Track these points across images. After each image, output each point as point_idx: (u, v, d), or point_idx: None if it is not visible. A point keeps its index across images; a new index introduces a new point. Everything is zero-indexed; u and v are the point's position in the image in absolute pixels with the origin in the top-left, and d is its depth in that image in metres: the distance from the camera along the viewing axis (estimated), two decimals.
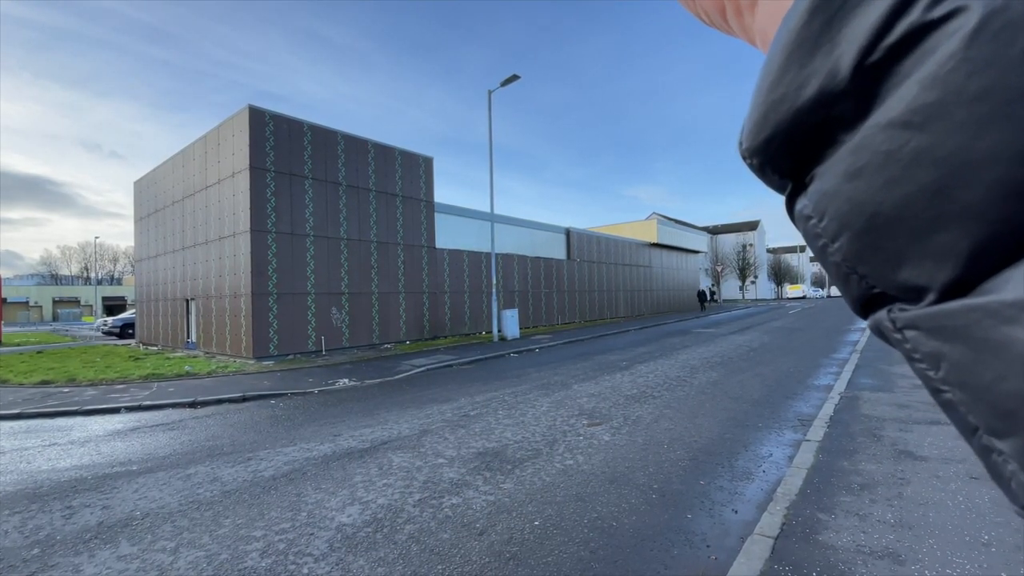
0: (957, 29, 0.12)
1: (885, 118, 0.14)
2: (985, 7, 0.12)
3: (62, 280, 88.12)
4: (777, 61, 0.15)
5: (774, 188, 0.18)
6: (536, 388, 9.38)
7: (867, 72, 0.14)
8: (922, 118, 0.13)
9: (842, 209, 0.15)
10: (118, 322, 27.45)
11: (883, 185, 0.14)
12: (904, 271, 0.14)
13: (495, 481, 4.83)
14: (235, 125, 15.08)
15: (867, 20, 0.13)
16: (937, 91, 0.12)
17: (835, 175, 0.15)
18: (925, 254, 0.14)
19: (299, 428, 7.09)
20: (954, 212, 0.13)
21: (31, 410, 8.59)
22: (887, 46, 0.13)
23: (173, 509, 4.45)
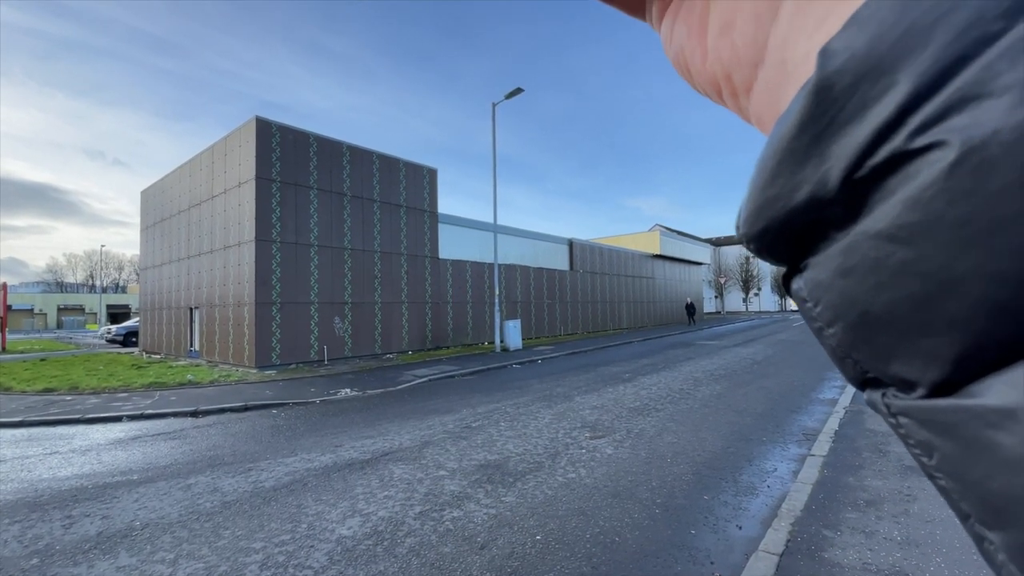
0: (937, 160, 0.13)
1: (873, 228, 0.14)
2: (963, 144, 0.12)
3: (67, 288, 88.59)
4: (771, 164, 0.16)
5: (772, 264, 0.19)
6: (538, 400, 9.34)
7: (854, 185, 0.15)
8: (907, 234, 0.13)
9: (835, 301, 0.16)
10: (122, 330, 27.54)
11: (873, 287, 0.15)
12: (894, 365, 0.15)
13: (497, 494, 4.79)
14: (242, 136, 15.23)
15: (853, 141, 0.14)
16: (920, 213, 0.13)
17: (828, 269, 0.16)
18: (914, 354, 0.15)
19: (300, 438, 7.07)
20: (940, 321, 0.14)
21: (33, 418, 8.59)
22: (872, 165, 0.14)
23: (173, 520, 4.43)
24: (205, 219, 17.21)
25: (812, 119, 0.15)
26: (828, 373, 11.82)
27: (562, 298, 27.48)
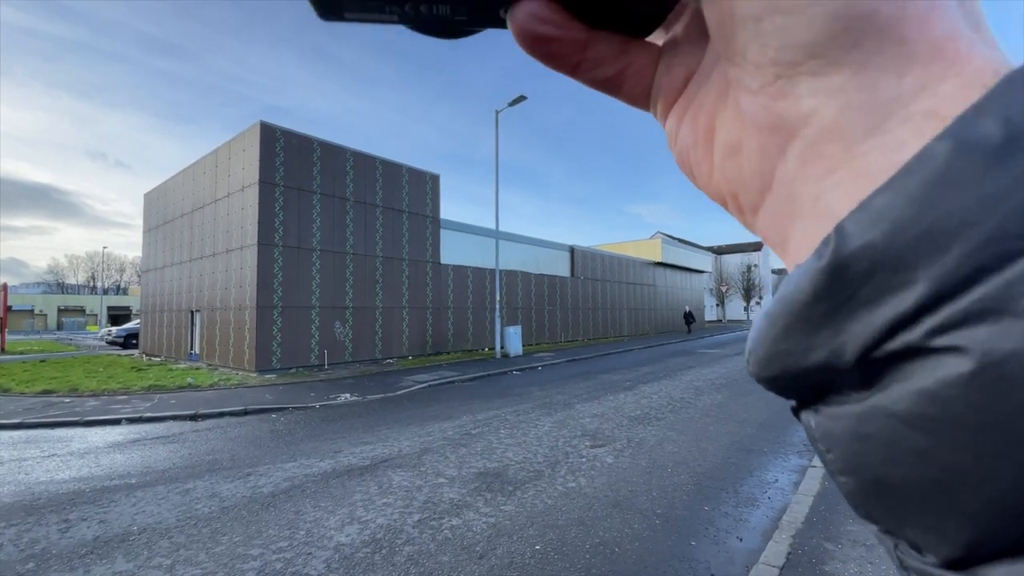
0: (956, 365, 0.13)
1: (890, 408, 0.14)
2: (983, 356, 0.12)
3: (68, 289, 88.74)
4: (783, 321, 0.16)
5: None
6: (538, 407, 9.31)
7: (871, 362, 0.14)
8: (923, 423, 0.13)
9: (848, 456, 0.15)
10: (122, 332, 27.55)
11: (888, 460, 0.15)
12: (906, 531, 0.15)
13: (496, 503, 4.76)
14: (246, 140, 15.29)
15: (870, 324, 0.14)
16: (938, 409, 0.13)
17: (842, 427, 0.16)
18: (927, 528, 0.15)
19: (299, 443, 7.04)
20: (954, 508, 0.14)
21: (32, 420, 8.57)
22: (889, 351, 0.14)
23: (171, 525, 4.40)
24: (208, 222, 17.25)
25: (828, 293, 0.15)
26: None
27: (563, 305, 27.45)
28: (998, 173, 0.13)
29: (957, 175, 0.13)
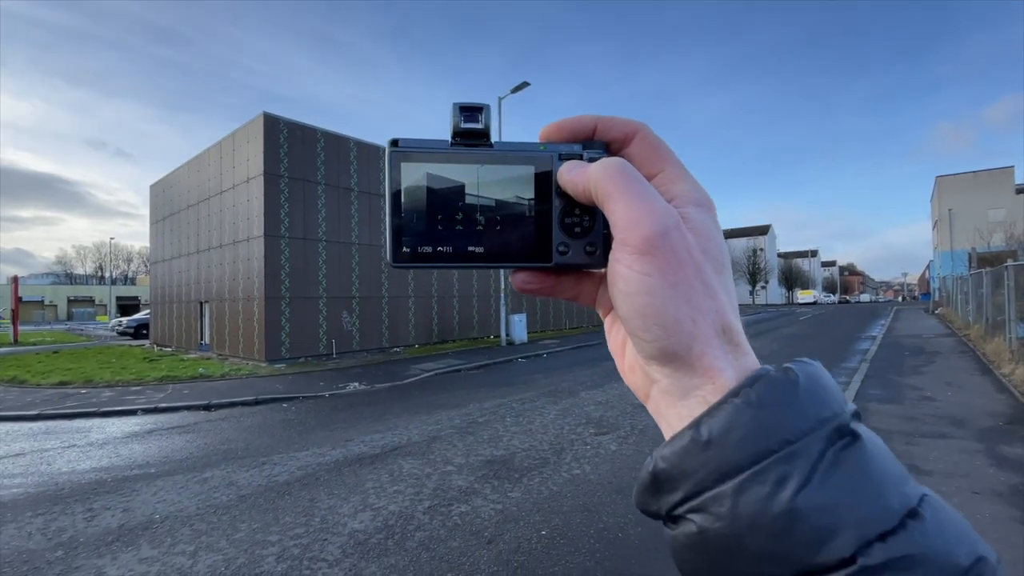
0: (691, 527, 0.27)
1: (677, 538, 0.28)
2: (699, 527, 0.27)
3: (76, 279, 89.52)
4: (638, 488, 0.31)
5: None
6: (544, 395, 9.46)
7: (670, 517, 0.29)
8: (684, 548, 0.28)
9: (673, 555, 0.29)
10: (132, 322, 27.90)
11: (679, 561, 0.28)
12: None
13: (503, 490, 4.92)
14: (250, 131, 15.34)
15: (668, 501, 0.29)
16: (689, 542, 0.27)
17: (669, 541, 0.29)
18: None
19: (311, 432, 7.23)
20: None
21: (50, 411, 8.81)
22: (674, 513, 0.29)
23: (191, 513, 4.59)
24: (214, 214, 17.37)
25: (653, 484, 0.29)
26: (832, 369, 11.86)
27: None
28: (705, 454, 0.27)
29: (689, 449, 0.28)
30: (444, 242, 0.35)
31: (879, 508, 0.25)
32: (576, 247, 0.36)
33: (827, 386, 0.28)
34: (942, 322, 25.15)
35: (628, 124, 0.35)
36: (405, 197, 0.35)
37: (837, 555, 0.24)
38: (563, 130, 0.36)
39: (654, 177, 0.34)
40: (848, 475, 0.26)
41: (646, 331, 0.30)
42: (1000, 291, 12.63)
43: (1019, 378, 8.87)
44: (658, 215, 0.30)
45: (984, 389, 8.68)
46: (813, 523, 0.24)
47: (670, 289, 0.30)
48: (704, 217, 0.33)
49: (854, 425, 0.27)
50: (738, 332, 0.31)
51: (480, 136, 0.36)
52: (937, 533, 0.25)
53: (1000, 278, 12.56)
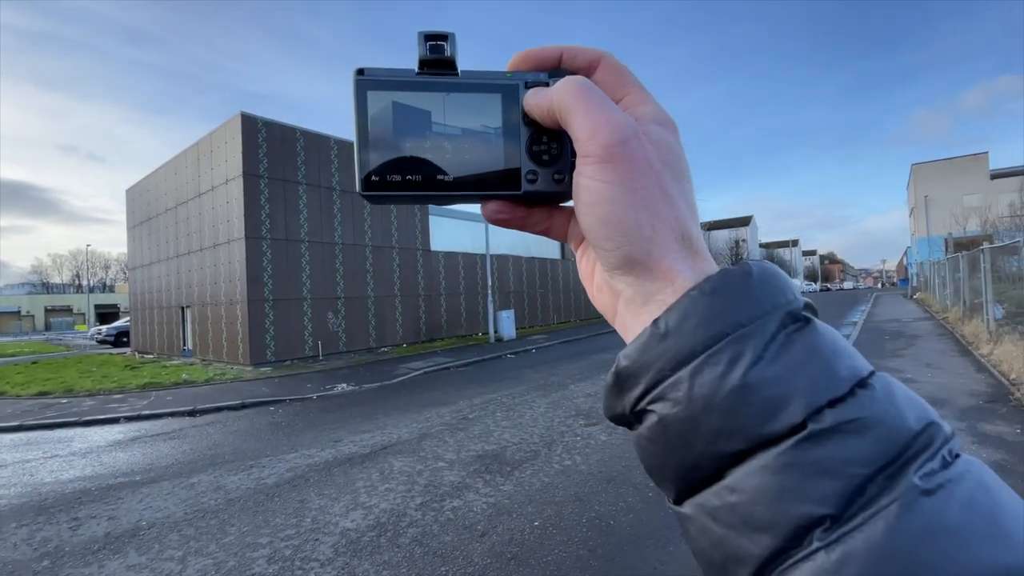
0: (652, 418, 0.28)
1: (642, 433, 0.29)
2: (659, 415, 0.27)
3: (53, 288, 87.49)
4: (605, 394, 0.31)
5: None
6: (533, 389, 9.49)
7: (633, 413, 0.30)
8: (648, 440, 0.29)
9: (639, 453, 0.30)
10: (112, 330, 27.37)
11: (643, 456, 0.29)
12: (661, 488, 0.30)
13: (495, 483, 4.92)
14: (227, 132, 15.10)
15: (630, 398, 0.29)
16: (651, 434, 0.28)
17: (635, 440, 0.30)
18: (662, 486, 0.29)
19: (300, 434, 7.16)
20: (665, 476, 0.28)
21: (31, 422, 8.61)
22: (637, 408, 0.29)
23: (179, 518, 4.52)
24: (193, 217, 17.09)
25: (617, 383, 0.29)
26: None
27: (555, 287, 27.61)
28: (662, 345, 0.27)
29: (648, 342, 0.28)
30: (413, 171, 0.35)
31: (829, 378, 0.25)
32: (544, 175, 0.36)
33: (781, 278, 0.29)
34: (921, 306, 25.70)
35: (592, 52, 0.36)
36: (372, 126, 0.35)
37: (787, 422, 0.24)
38: (529, 60, 0.37)
39: (620, 101, 0.35)
40: (799, 352, 0.26)
41: (608, 239, 0.31)
42: (977, 274, 12.94)
43: (997, 358, 9.11)
44: (617, 124, 0.31)
45: (963, 369, 8.89)
46: (764, 395, 0.25)
47: (630, 196, 0.30)
48: (665, 133, 0.34)
49: (806, 313, 0.28)
50: (698, 239, 0.32)
51: (446, 65, 0.36)
52: (887, 400, 0.25)
53: (976, 261, 12.87)
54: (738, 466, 0.25)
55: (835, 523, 0.23)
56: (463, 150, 0.36)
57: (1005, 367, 8.34)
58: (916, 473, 0.23)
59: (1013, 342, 9.33)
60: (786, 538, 0.23)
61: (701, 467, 0.26)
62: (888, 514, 0.22)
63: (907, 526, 0.22)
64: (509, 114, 0.36)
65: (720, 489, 0.26)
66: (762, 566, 0.24)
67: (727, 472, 0.26)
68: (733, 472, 0.25)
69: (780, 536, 0.23)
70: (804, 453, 0.24)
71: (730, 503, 0.25)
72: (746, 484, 0.25)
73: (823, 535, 0.23)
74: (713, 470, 0.26)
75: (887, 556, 0.22)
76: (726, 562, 0.25)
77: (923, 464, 0.24)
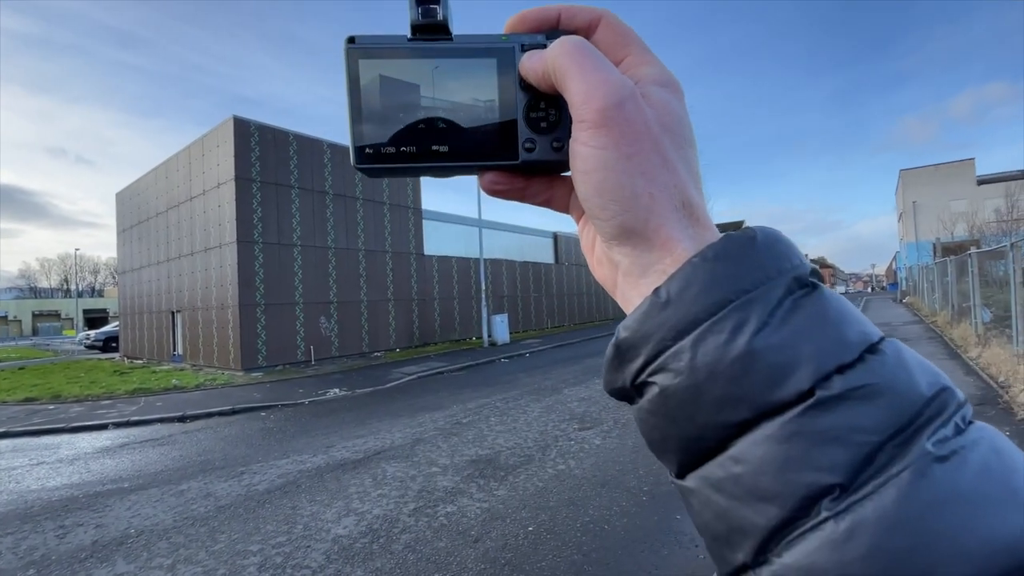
0: (654, 390, 0.27)
1: (644, 407, 0.28)
2: (661, 387, 0.26)
3: (41, 293, 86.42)
4: (605, 367, 0.30)
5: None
6: (527, 393, 9.47)
7: (635, 386, 0.29)
8: (650, 413, 0.28)
9: (640, 427, 0.29)
10: (101, 335, 27.04)
11: (646, 429, 0.29)
12: (662, 461, 0.29)
13: (489, 488, 4.90)
14: (219, 136, 15.01)
15: (630, 369, 0.28)
16: (653, 406, 0.27)
17: (636, 413, 0.29)
18: (664, 459, 0.28)
19: (291, 440, 7.09)
20: (667, 450, 0.28)
21: (17, 428, 8.48)
22: (638, 381, 0.28)
23: (168, 526, 4.46)
24: (184, 221, 16.95)
25: (616, 356, 0.29)
26: None
27: (548, 291, 27.63)
28: (663, 314, 0.26)
29: (649, 312, 0.27)
30: (407, 142, 0.34)
31: (837, 343, 0.25)
32: (543, 143, 0.35)
33: (786, 243, 0.28)
34: (910, 310, 25.95)
35: (592, 11, 0.35)
36: (364, 96, 0.34)
37: (795, 389, 0.24)
38: (526, 21, 0.35)
39: (620, 62, 0.34)
40: (806, 317, 0.25)
41: (604, 208, 0.30)
42: (965, 278, 13.10)
43: (986, 361, 9.21)
44: (612, 86, 0.30)
45: (953, 372, 8.97)
46: (770, 361, 0.24)
47: (625, 161, 0.29)
48: (667, 95, 0.32)
49: (813, 279, 0.27)
50: (699, 207, 0.31)
51: (439, 29, 0.34)
52: (898, 366, 0.25)
53: (964, 266, 13.02)
54: (743, 436, 0.24)
55: (844, 492, 0.22)
56: (459, 118, 0.35)
57: (993, 370, 8.43)
58: (929, 440, 0.23)
59: (1001, 345, 9.44)
60: (793, 508, 0.23)
61: (704, 438, 0.25)
62: (900, 482, 0.22)
63: (920, 494, 0.21)
64: (505, 79, 0.35)
65: (724, 460, 0.25)
66: (768, 537, 0.23)
67: (731, 443, 0.25)
68: (738, 442, 0.24)
69: (787, 506, 0.23)
70: (812, 421, 0.23)
71: (735, 474, 0.24)
72: (751, 454, 0.24)
73: (831, 504, 0.22)
74: (717, 441, 0.25)
75: (899, 525, 0.21)
76: (731, 534, 0.25)
77: (936, 430, 0.23)
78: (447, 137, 0.35)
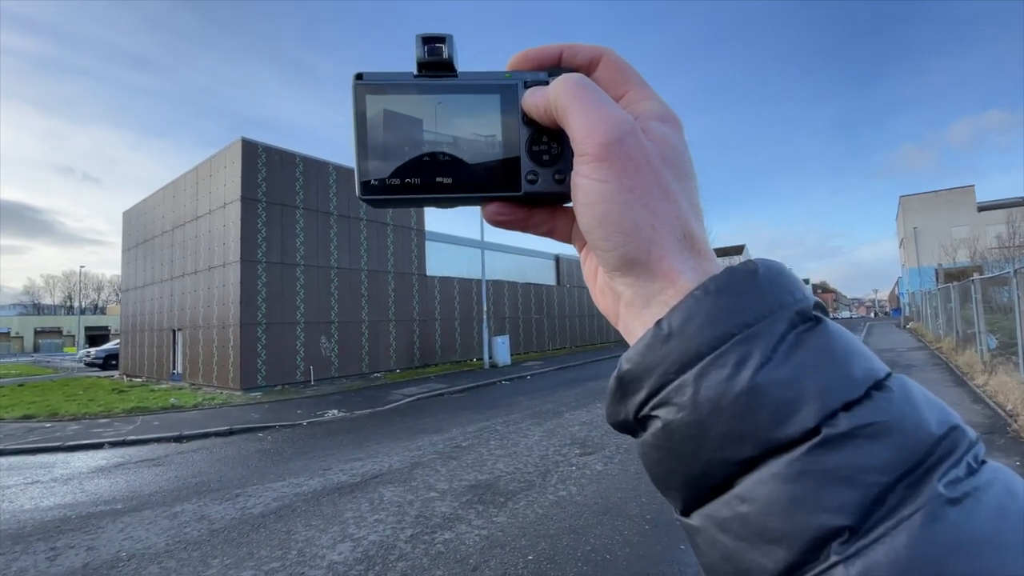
0: (657, 424, 0.27)
1: (647, 440, 0.27)
2: (664, 421, 0.26)
3: (44, 310, 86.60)
4: (608, 400, 0.30)
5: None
6: (528, 417, 9.36)
7: (638, 419, 0.28)
8: (653, 448, 0.27)
9: (644, 461, 0.29)
10: (101, 353, 26.97)
11: (649, 464, 0.28)
12: (667, 497, 0.28)
13: (488, 515, 4.80)
14: (227, 156, 15.22)
15: (633, 402, 0.28)
16: (656, 441, 0.27)
17: (639, 447, 0.28)
18: (668, 495, 0.28)
19: (288, 462, 7.00)
20: (671, 486, 0.27)
21: (12, 446, 8.39)
22: (641, 414, 0.28)
23: (160, 550, 4.37)
24: (189, 240, 17.07)
25: (619, 388, 0.28)
26: None
27: (549, 313, 27.58)
28: (666, 347, 0.26)
29: (651, 344, 0.27)
30: (411, 174, 0.35)
31: (843, 380, 0.24)
32: (545, 175, 0.36)
33: (789, 276, 0.28)
34: (914, 336, 25.78)
35: (593, 49, 0.36)
36: (371, 130, 0.35)
37: (801, 427, 0.23)
38: (529, 59, 0.36)
39: (621, 98, 0.34)
40: (810, 353, 0.25)
41: (606, 240, 0.30)
42: (968, 304, 13.04)
43: (992, 388, 9.09)
44: (612, 121, 0.30)
45: (960, 400, 8.86)
46: (775, 397, 0.24)
47: (627, 194, 0.30)
48: (667, 129, 0.33)
49: (817, 312, 0.27)
50: (701, 239, 0.31)
51: (444, 67, 0.36)
52: (906, 403, 0.24)
53: (967, 292, 12.97)
54: (748, 474, 0.24)
55: (854, 535, 0.21)
56: (462, 151, 0.36)
57: (1001, 398, 8.32)
58: (940, 481, 0.22)
59: (1008, 373, 9.34)
60: (802, 551, 0.22)
61: (709, 475, 0.25)
62: (911, 525, 0.21)
63: (932, 538, 0.21)
64: (508, 114, 0.36)
65: (730, 499, 0.24)
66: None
67: (737, 480, 0.24)
68: (743, 480, 0.24)
69: (795, 549, 0.22)
70: (819, 460, 0.23)
71: (741, 513, 0.24)
72: (757, 493, 0.23)
73: (841, 548, 0.21)
74: (722, 478, 0.25)
75: (912, 570, 0.20)
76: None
77: (947, 471, 0.22)
78: (451, 169, 0.35)
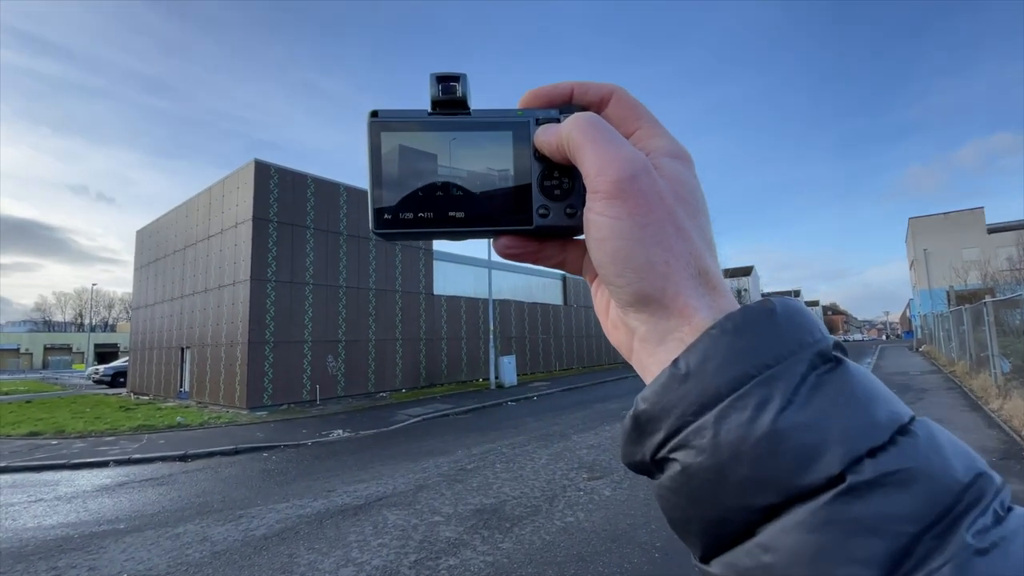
0: (675, 467, 0.26)
1: (664, 483, 0.27)
2: (683, 464, 0.26)
3: (55, 327, 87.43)
4: (623, 440, 0.29)
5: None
6: (535, 439, 9.25)
7: (654, 461, 0.28)
8: (670, 491, 0.27)
9: (661, 505, 0.28)
10: (109, 370, 27.09)
11: (666, 508, 0.27)
12: (685, 543, 0.27)
13: (493, 540, 4.72)
14: (240, 177, 15.47)
15: (651, 444, 0.27)
16: (674, 485, 0.26)
17: (656, 490, 0.28)
18: (686, 541, 0.27)
19: (292, 483, 6.94)
20: (689, 532, 0.26)
21: (18, 463, 8.40)
22: (658, 456, 0.27)
23: (161, 571, 4.32)
24: (200, 258, 17.26)
25: (636, 428, 0.28)
26: None
27: (556, 333, 27.46)
28: (684, 387, 0.26)
29: (668, 384, 0.26)
30: (425, 208, 0.36)
31: (867, 424, 0.23)
32: (556, 209, 0.36)
33: (807, 315, 0.27)
34: (927, 359, 25.39)
35: (604, 87, 0.36)
36: (385, 166, 0.36)
37: (824, 474, 0.22)
38: (540, 97, 0.37)
39: (631, 135, 0.35)
40: (832, 395, 0.24)
41: (619, 276, 0.30)
42: (981, 327, 12.84)
43: (1008, 413, 8.90)
44: (625, 160, 0.31)
45: (975, 425, 8.67)
46: (797, 443, 0.23)
47: (640, 231, 0.30)
48: (678, 166, 0.33)
49: (837, 353, 0.26)
50: (716, 275, 0.31)
51: (458, 105, 0.37)
52: (931, 449, 0.23)
53: (980, 314, 12.79)
54: (771, 522, 0.23)
55: None
56: (475, 186, 0.36)
57: (1016, 423, 8.13)
58: (968, 531, 0.21)
59: (1022, 397, 9.15)
60: None
61: (729, 522, 0.24)
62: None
63: None
64: (520, 150, 0.37)
65: (752, 547, 0.23)
66: None
67: (759, 528, 0.23)
68: (766, 528, 0.23)
69: None
70: (844, 508, 0.22)
71: (764, 563, 0.23)
72: (781, 543, 0.22)
73: None
74: (743, 525, 0.24)
75: None
76: None
77: (975, 520, 0.22)
78: (464, 204, 0.36)
